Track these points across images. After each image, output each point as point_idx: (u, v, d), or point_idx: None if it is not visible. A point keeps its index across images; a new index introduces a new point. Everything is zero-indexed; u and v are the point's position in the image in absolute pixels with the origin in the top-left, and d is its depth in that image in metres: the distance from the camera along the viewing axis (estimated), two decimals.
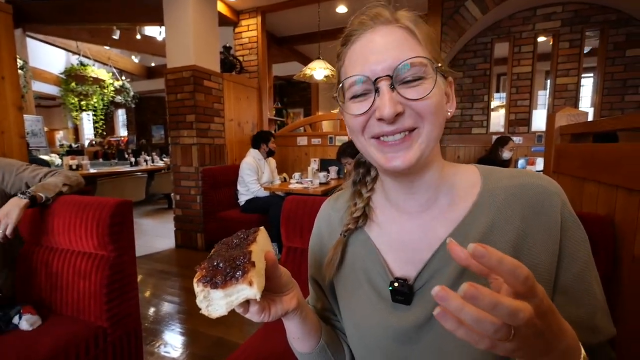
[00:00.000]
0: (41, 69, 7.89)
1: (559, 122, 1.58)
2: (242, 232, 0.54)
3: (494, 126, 4.84)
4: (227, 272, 0.44)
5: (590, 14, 4.07)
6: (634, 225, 0.93)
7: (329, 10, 4.73)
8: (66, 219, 1.55)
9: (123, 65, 8.91)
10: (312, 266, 0.75)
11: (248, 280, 0.43)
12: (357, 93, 0.54)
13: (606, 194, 1.10)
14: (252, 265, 0.45)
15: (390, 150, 0.53)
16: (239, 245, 0.50)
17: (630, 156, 0.96)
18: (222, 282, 0.44)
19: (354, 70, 0.54)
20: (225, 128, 4.28)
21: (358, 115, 0.54)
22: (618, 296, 0.99)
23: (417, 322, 0.57)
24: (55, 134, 11.04)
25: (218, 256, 0.48)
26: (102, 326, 1.50)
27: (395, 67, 0.50)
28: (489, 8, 3.72)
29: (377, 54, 0.52)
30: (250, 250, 0.47)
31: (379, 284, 0.62)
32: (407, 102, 0.51)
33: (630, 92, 4.09)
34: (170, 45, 3.85)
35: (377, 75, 0.51)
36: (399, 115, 0.51)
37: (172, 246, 4.21)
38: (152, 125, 12.38)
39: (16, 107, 2.34)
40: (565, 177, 1.49)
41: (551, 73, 4.37)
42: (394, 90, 0.50)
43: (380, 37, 0.53)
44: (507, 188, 0.56)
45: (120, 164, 6.76)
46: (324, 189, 3.60)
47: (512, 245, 0.53)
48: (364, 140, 0.56)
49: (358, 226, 0.67)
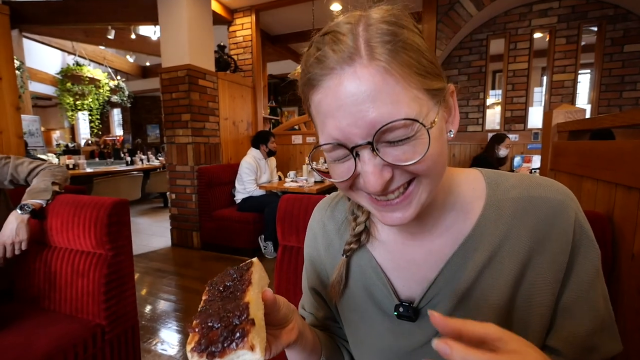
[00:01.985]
0: (37, 69, 7.94)
1: (556, 120, 1.57)
2: (234, 270, 0.48)
3: (490, 124, 4.84)
4: (224, 336, 0.38)
5: (588, 9, 4.04)
6: (633, 223, 0.92)
7: (323, 7, 4.71)
8: (64, 218, 1.56)
9: (118, 65, 8.89)
10: (309, 276, 0.71)
11: (249, 345, 0.37)
12: (338, 158, 0.46)
13: (605, 191, 1.09)
14: (252, 324, 0.39)
15: (385, 209, 0.47)
16: (232, 294, 0.44)
17: (629, 153, 0.94)
18: (220, 350, 0.37)
19: (324, 130, 0.44)
20: (220, 127, 4.28)
21: (342, 181, 0.46)
22: (617, 294, 0.98)
23: (422, 341, 0.56)
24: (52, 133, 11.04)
25: (210, 311, 0.42)
26: (100, 324, 1.50)
27: (374, 133, 0.40)
28: (484, 4, 3.71)
29: (348, 115, 0.41)
30: (247, 302, 0.41)
31: (384, 303, 0.60)
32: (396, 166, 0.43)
33: (628, 89, 4.06)
34: (165, 44, 3.84)
35: (354, 142, 0.42)
36: (389, 181, 0.44)
37: (168, 245, 4.21)
38: (147, 124, 12.39)
39: (14, 108, 2.36)
40: (562, 174, 1.48)
41: (547, 70, 4.35)
42: (377, 155, 0.42)
43: (349, 89, 0.40)
44: (516, 201, 0.52)
45: (116, 163, 6.78)
46: (319, 188, 3.61)
47: (521, 262, 0.50)
48: (355, 195, 0.50)
49: (361, 244, 0.62)
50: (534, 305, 0.51)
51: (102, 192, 4.68)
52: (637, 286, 0.90)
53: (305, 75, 0.45)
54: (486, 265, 0.51)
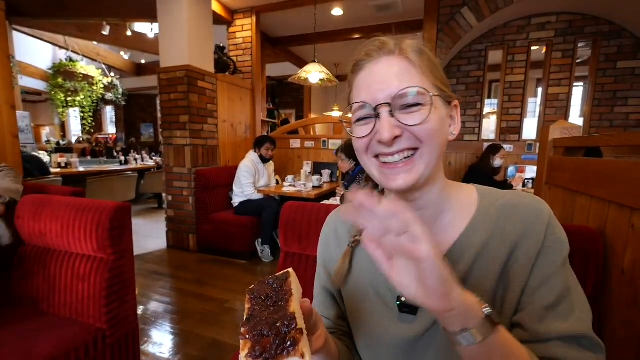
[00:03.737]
0: (27, 63, 7.68)
1: (553, 135, 1.61)
2: (273, 280, 0.51)
3: (486, 133, 4.89)
4: (276, 343, 0.41)
5: (584, 24, 4.11)
6: (624, 239, 0.97)
7: (325, 12, 4.73)
8: (65, 221, 1.54)
9: (112, 62, 8.76)
10: (321, 277, 0.79)
11: (300, 353, 0.40)
12: (361, 117, 0.59)
13: (598, 207, 1.14)
14: (301, 333, 0.42)
15: (391, 172, 0.58)
16: (276, 303, 0.47)
17: (623, 173, 0.99)
18: (273, 357, 0.40)
19: (359, 97, 0.59)
20: (218, 129, 4.25)
21: (362, 137, 0.59)
22: (608, 307, 1.02)
23: (423, 331, 0.61)
24: (42, 130, 10.81)
25: (258, 319, 0.44)
26: (101, 328, 1.50)
27: (394, 95, 0.55)
28: (484, 16, 3.75)
29: (379, 83, 0.56)
30: (294, 312, 0.44)
31: (386, 295, 0.66)
32: (405, 127, 0.55)
33: (620, 104, 4.14)
34: (163, 44, 3.79)
35: (377, 102, 0.56)
36: (397, 138, 0.56)
37: (164, 247, 4.17)
38: (141, 123, 12.24)
39: (9, 105, 2.29)
40: (557, 189, 1.52)
41: (543, 82, 4.41)
42: (393, 116, 0.55)
43: (383, 68, 0.57)
44: (502, 207, 0.62)
45: (110, 162, 6.69)
46: (317, 192, 3.61)
47: (507, 253, 0.58)
48: (367, 160, 0.61)
49: None
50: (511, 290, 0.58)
51: (97, 193, 4.60)
52: (627, 300, 0.94)
53: (354, 64, 0.61)
54: (478, 256, 0.60)
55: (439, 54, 3.94)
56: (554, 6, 4.07)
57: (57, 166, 5.08)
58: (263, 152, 3.93)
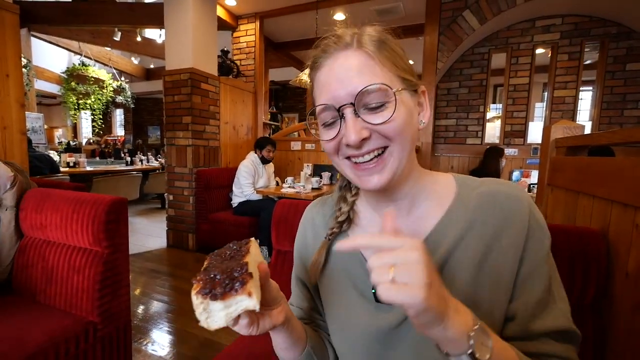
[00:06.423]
0: (43, 67, 8.00)
1: (555, 135, 1.57)
2: (234, 244, 0.55)
3: (489, 137, 4.84)
4: (225, 283, 0.44)
5: (591, 26, 4.04)
6: (628, 240, 0.92)
7: (327, 17, 4.75)
8: (63, 214, 1.58)
9: (123, 66, 8.98)
10: (297, 267, 0.78)
11: (247, 291, 0.43)
12: (327, 121, 0.57)
13: (600, 208, 1.09)
14: (250, 276, 0.45)
15: (364, 174, 0.57)
16: (233, 257, 0.50)
17: (626, 170, 0.95)
18: (222, 293, 0.43)
19: (321, 98, 0.57)
20: (220, 131, 4.30)
21: (329, 140, 0.57)
22: (611, 312, 0.97)
23: (399, 322, 0.59)
24: (55, 131, 11.13)
25: (214, 268, 0.47)
26: (92, 321, 1.51)
27: (356, 93, 0.52)
28: (487, 18, 3.74)
29: (338, 81, 0.54)
30: (247, 262, 0.47)
31: (362, 286, 0.65)
32: (372, 127, 0.54)
33: (630, 107, 4.04)
34: (169, 47, 3.87)
35: (340, 103, 0.54)
36: (365, 140, 0.54)
37: (164, 246, 4.20)
38: (148, 125, 12.49)
39: (19, 104, 2.41)
40: (559, 189, 1.48)
41: (549, 85, 4.34)
42: (358, 116, 0.54)
43: (341, 64, 0.55)
44: (481, 195, 0.60)
45: (117, 162, 6.79)
46: (316, 194, 3.60)
47: (486, 244, 0.57)
48: (339, 161, 0.60)
49: (342, 230, 0.69)
50: (500, 282, 0.57)
51: (101, 191, 4.68)
52: (631, 304, 0.89)
53: (312, 62, 0.60)
54: (455, 247, 0.58)
55: (440, 57, 3.92)
56: (560, 8, 4.01)
57: (65, 165, 5.20)
58: (264, 153, 3.95)
